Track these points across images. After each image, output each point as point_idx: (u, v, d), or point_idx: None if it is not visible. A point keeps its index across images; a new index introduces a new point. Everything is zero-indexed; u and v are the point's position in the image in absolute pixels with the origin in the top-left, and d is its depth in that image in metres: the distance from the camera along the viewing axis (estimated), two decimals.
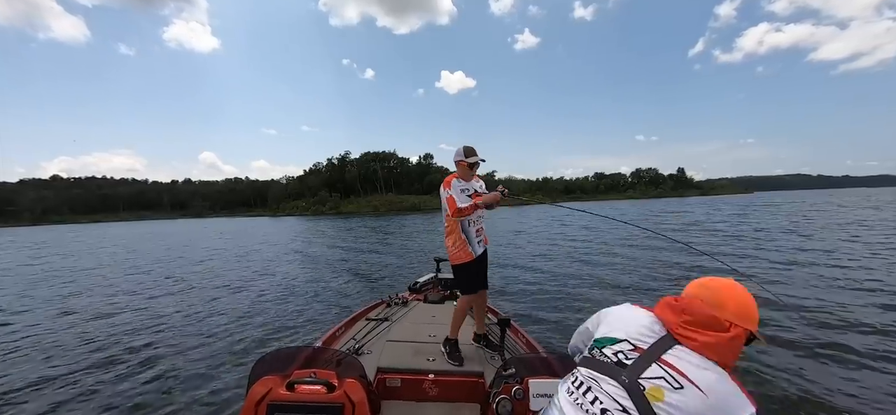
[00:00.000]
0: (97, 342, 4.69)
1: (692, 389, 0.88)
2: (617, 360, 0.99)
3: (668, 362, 0.93)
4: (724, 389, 0.89)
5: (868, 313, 4.82)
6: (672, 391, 0.89)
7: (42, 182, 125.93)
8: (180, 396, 3.30)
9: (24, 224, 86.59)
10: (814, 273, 7.19)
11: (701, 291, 1.02)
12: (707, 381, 0.89)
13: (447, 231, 2.51)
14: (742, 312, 0.97)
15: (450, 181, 2.46)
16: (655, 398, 0.89)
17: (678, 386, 0.89)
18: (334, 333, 2.79)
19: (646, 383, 0.92)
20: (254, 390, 1.46)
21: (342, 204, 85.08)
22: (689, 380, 0.89)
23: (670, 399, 0.88)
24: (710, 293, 1.01)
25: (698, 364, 0.91)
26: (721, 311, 0.96)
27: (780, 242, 11.43)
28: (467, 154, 2.51)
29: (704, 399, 0.86)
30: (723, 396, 0.87)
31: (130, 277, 10.13)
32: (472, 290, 2.52)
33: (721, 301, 0.98)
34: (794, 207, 29.91)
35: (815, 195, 71.98)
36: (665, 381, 0.91)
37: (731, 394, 0.88)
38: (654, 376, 0.92)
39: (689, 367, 0.91)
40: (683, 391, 0.88)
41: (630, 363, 0.96)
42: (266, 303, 6.41)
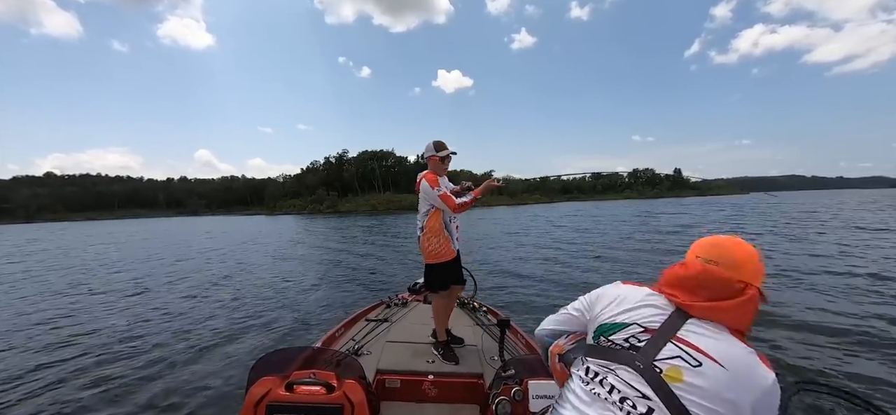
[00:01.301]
0: (91, 344, 4.64)
1: (711, 364, 0.84)
2: (629, 345, 0.93)
3: (682, 340, 0.88)
4: (745, 359, 0.84)
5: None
6: (691, 370, 0.84)
7: (36, 179, 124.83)
8: (178, 397, 3.27)
9: (18, 221, 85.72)
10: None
11: (712, 253, 0.94)
12: (726, 353, 0.84)
13: (430, 230, 2.46)
14: (756, 270, 0.92)
15: (435, 179, 2.43)
16: (674, 379, 0.85)
17: (697, 363, 0.84)
18: (334, 333, 2.78)
19: (662, 366, 0.87)
20: (253, 390, 1.45)
21: (340, 203, 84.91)
22: (707, 355, 0.84)
23: (690, 378, 0.84)
24: (723, 254, 0.92)
25: (714, 336, 0.87)
26: (737, 272, 0.90)
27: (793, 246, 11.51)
28: (438, 148, 2.50)
29: (725, 373, 0.82)
30: (743, 366, 0.83)
31: (126, 276, 10.05)
32: (446, 287, 2.54)
33: (736, 262, 0.91)
34: (792, 208, 30.18)
35: (814, 196, 72.56)
36: (682, 359, 0.86)
37: (753, 364, 0.84)
38: (670, 356, 0.87)
39: (706, 341, 0.86)
40: (703, 368, 0.84)
41: (642, 346, 0.91)
42: (264, 303, 6.37)
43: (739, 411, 0.82)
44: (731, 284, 0.89)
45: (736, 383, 0.82)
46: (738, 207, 36.67)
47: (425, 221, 2.50)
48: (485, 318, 3.14)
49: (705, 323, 0.89)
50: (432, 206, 2.47)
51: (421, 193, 2.50)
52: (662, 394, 0.84)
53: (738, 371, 0.83)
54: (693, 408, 0.83)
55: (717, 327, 0.89)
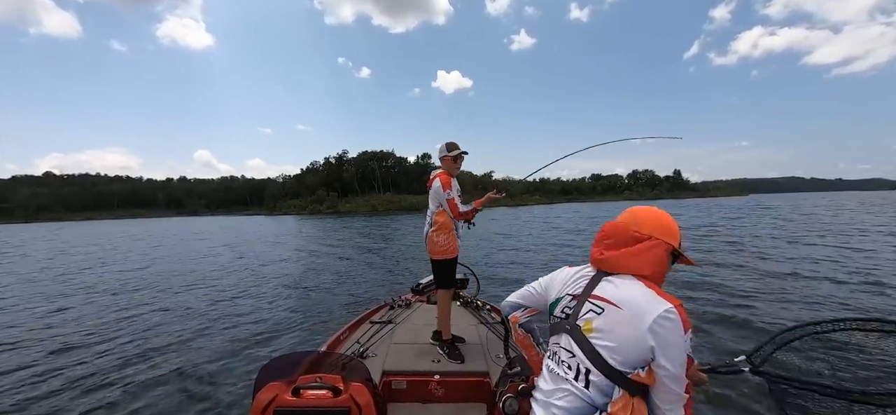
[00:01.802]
0: (93, 350, 4.59)
1: (610, 308, 0.98)
2: (564, 315, 1.09)
3: (594, 296, 1.03)
4: (638, 295, 0.97)
5: None
6: (597, 317, 1.00)
7: (35, 179, 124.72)
8: (184, 404, 3.25)
9: (17, 221, 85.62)
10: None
11: (624, 216, 1.12)
12: (624, 296, 0.98)
13: (441, 226, 2.53)
14: (659, 225, 1.06)
15: (448, 181, 2.51)
16: (588, 331, 1.00)
17: (600, 311, 1.00)
18: (339, 337, 2.77)
19: (580, 322, 1.02)
20: (260, 396, 1.43)
21: (340, 203, 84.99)
22: (607, 301, 0.99)
23: (596, 325, 0.99)
24: (629, 216, 1.11)
25: (617, 285, 1.01)
26: (637, 227, 1.06)
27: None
28: (451, 148, 2.58)
29: (620, 312, 0.96)
30: (637, 301, 0.95)
31: (125, 279, 10.03)
32: (452, 283, 2.63)
33: (638, 220, 1.08)
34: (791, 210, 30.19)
35: (814, 198, 72.75)
36: (592, 312, 1.01)
37: (646, 298, 0.95)
38: (585, 311, 1.03)
39: (610, 290, 1.01)
40: (604, 314, 0.99)
41: (571, 312, 1.07)
42: (269, 308, 6.34)
43: (639, 341, 0.93)
44: (628, 232, 1.06)
45: (631, 317, 0.94)
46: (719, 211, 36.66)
47: (435, 217, 2.56)
48: (488, 316, 3.13)
49: (615, 277, 1.04)
50: (441, 204, 2.54)
51: (432, 192, 2.56)
52: (582, 346, 1.00)
53: (633, 307, 0.95)
54: (602, 351, 0.97)
55: (624, 278, 1.03)
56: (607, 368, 0.95)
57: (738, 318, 4.90)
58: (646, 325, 0.92)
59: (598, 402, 0.96)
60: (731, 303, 5.53)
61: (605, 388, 0.96)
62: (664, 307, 0.93)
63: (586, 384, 0.97)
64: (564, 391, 1.00)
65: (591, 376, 0.97)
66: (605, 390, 0.96)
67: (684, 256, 1.10)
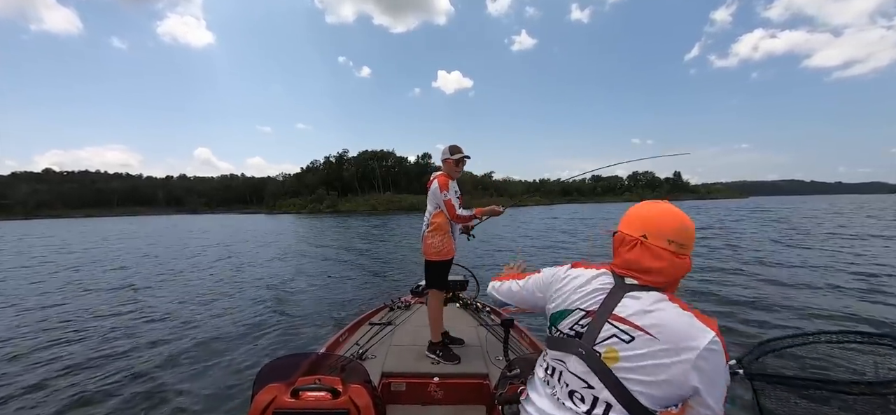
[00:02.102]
0: (89, 352, 4.56)
1: (642, 336, 0.82)
2: (574, 332, 0.93)
3: (617, 317, 0.87)
4: (676, 322, 0.82)
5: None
6: (624, 346, 0.84)
7: (34, 175, 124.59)
8: (182, 405, 3.23)
9: (16, 218, 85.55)
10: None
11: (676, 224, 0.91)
12: (656, 322, 0.82)
13: (437, 227, 2.53)
14: (688, 231, 0.91)
15: (446, 183, 2.50)
16: (612, 360, 0.84)
17: (628, 339, 0.84)
18: (338, 338, 2.76)
19: (601, 349, 0.86)
20: (258, 398, 1.43)
21: (340, 202, 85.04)
22: (638, 328, 0.83)
23: (624, 355, 0.83)
24: (679, 229, 0.91)
25: (646, 306, 0.85)
26: (686, 248, 0.90)
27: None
28: (453, 152, 2.58)
29: (656, 343, 0.81)
30: (676, 331, 0.81)
31: (124, 279, 10.03)
32: (446, 286, 2.63)
33: (689, 236, 0.92)
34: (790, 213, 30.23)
35: (813, 201, 72.75)
36: (616, 338, 0.85)
37: (686, 326, 0.81)
38: (607, 337, 0.86)
39: (637, 314, 0.85)
40: (634, 343, 0.83)
41: (585, 331, 0.90)
42: (268, 309, 6.31)
43: (680, 378, 0.78)
44: (667, 249, 0.88)
45: (671, 350, 0.79)
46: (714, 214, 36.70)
47: (431, 218, 2.55)
48: (488, 318, 3.13)
49: (640, 292, 0.88)
50: (438, 205, 2.53)
51: (430, 193, 2.56)
52: (604, 378, 0.84)
53: (671, 337, 0.80)
54: (633, 387, 0.81)
55: (650, 294, 0.87)
56: (635, 406, 0.82)
57: (738, 321, 4.90)
58: (690, 361, 0.78)
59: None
60: (728, 308, 5.54)
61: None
62: (709, 338, 0.79)
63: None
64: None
65: (612, 412, 0.84)
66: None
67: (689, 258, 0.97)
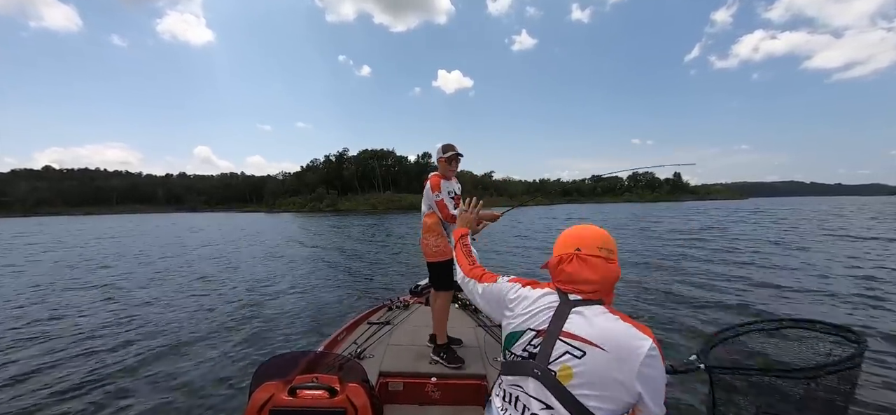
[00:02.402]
0: (87, 348, 4.56)
1: (592, 350, 0.85)
2: (528, 354, 0.94)
3: (567, 334, 0.89)
4: (619, 333, 0.86)
5: None
6: (577, 362, 0.86)
7: (34, 173, 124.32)
8: (179, 404, 3.23)
9: (16, 215, 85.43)
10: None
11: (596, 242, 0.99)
12: (600, 333, 0.86)
13: (428, 229, 2.52)
14: (568, 242, 1.00)
15: (438, 183, 2.47)
16: (567, 378, 0.86)
17: (580, 354, 0.86)
18: (336, 337, 2.77)
19: (555, 367, 0.88)
20: (256, 396, 1.43)
21: (340, 201, 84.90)
22: (587, 342, 0.86)
23: (578, 370, 0.85)
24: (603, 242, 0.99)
25: (591, 321, 0.89)
26: (614, 255, 0.98)
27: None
28: (445, 150, 2.53)
29: (605, 354, 0.84)
30: (619, 340, 0.85)
31: (122, 278, 10.01)
32: (452, 286, 2.55)
33: (612, 246, 0.99)
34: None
35: (814, 202, 72.75)
36: (569, 354, 0.87)
37: (627, 336, 0.86)
38: (560, 355, 0.88)
39: (584, 327, 0.88)
40: (586, 357, 0.85)
41: (538, 351, 0.92)
42: (266, 307, 6.32)
43: (628, 386, 0.83)
44: (602, 259, 0.96)
45: (618, 360, 0.83)
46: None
47: (424, 218, 2.55)
48: (486, 319, 3.13)
49: (584, 308, 0.92)
50: (431, 206, 2.52)
51: (424, 194, 2.55)
52: (562, 398, 0.85)
53: (616, 345, 0.84)
54: (589, 402, 0.84)
55: (592, 308, 0.91)
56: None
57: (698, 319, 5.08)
58: (635, 368, 0.83)
59: None
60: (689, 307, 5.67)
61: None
62: (648, 345, 0.84)
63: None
64: None
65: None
66: None
67: None
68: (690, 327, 4.78)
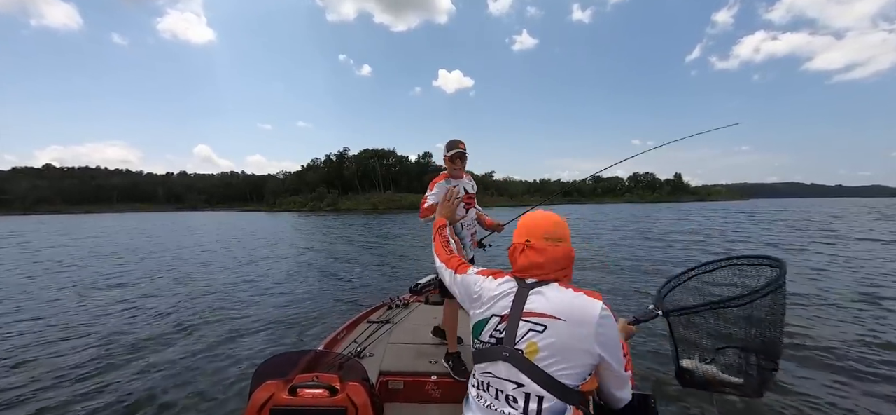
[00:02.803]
0: (86, 347, 4.57)
1: (552, 322, 0.93)
2: (494, 340, 1.00)
3: (528, 312, 0.96)
4: (571, 300, 0.95)
5: None
6: (540, 336, 0.93)
7: (34, 171, 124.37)
8: (181, 404, 3.23)
9: (15, 213, 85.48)
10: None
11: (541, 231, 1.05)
12: (556, 305, 0.94)
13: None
14: (567, 230, 1.07)
15: (436, 182, 2.34)
16: (533, 354, 0.93)
17: (542, 328, 0.93)
18: (336, 336, 2.76)
19: (521, 346, 0.95)
20: (256, 395, 1.43)
21: (340, 201, 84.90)
22: (546, 315, 0.94)
23: (542, 344, 0.92)
24: (552, 230, 1.05)
25: (548, 296, 0.97)
26: (565, 240, 1.04)
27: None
28: (449, 148, 2.37)
29: (564, 323, 0.92)
30: (573, 308, 0.93)
31: (122, 276, 10.02)
32: None
33: (562, 233, 1.05)
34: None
35: (818, 203, 72.71)
36: (532, 331, 0.94)
37: (580, 303, 0.94)
38: (524, 333, 0.95)
39: (543, 304, 0.96)
40: (547, 330, 0.93)
41: (504, 335, 0.98)
42: (266, 306, 6.32)
43: (589, 348, 0.91)
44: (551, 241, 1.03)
45: (576, 324, 0.91)
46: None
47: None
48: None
49: (542, 287, 0.99)
50: None
51: None
52: (531, 373, 0.92)
53: (571, 313, 0.92)
54: (556, 372, 0.91)
55: (549, 286, 0.99)
56: (562, 388, 0.91)
57: None
58: (592, 331, 0.91)
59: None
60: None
61: (559, 410, 0.92)
62: (599, 307, 0.93)
63: (538, 412, 0.92)
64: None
65: (545, 402, 0.92)
66: (558, 412, 0.92)
67: None
68: None
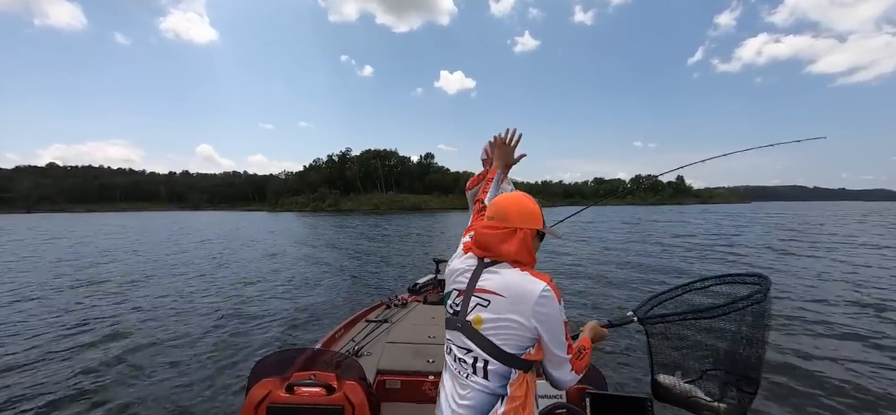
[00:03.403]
0: (84, 345, 4.60)
1: (494, 298, 1.05)
2: (454, 311, 1.12)
3: (479, 289, 1.08)
4: (516, 280, 1.05)
5: None
6: (484, 310, 1.05)
7: (38, 170, 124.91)
8: (178, 400, 3.25)
9: (18, 212, 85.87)
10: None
11: (490, 212, 1.15)
12: (501, 283, 1.05)
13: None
14: (523, 215, 1.12)
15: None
16: (478, 324, 1.05)
17: (486, 303, 1.05)
18: (334, 334, 2.77)
19: (470, 317, 1.07)
20: (253, 392, 1.44)
21: (342, 201, 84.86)
22: (491, 292, 1.06)
23: (486, 317, 1.04)
24: (495, 211, 1.14)
25: (495, 274, 1.07)
26: (507, 221, 1.11)
27: None
28: None
29: (504, 300, 1.03)
30: (515, 285, 1.04)
31: (122, 275, 10.06)
32: None
33: (505, 214, 1.12)
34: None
35: (821, 207, 72.28)
36: (479, 305, 1.06)
37: (523, 281, 1.04)
38: (473, 307, 1.08)
39: (490, 281, 1.07)
40: (490, 305, 1.05)
41: (459, 308, 1.10)
42: (265, 304, 6.35)
43: (526, 324, 1.02)
44: (505, 232, 1.10)
45: (514, 301, 1.02)
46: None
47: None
48: None
49: (495, 266, 1.09)
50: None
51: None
52: (476, 341, 1.05)
53: (513, 291, 1.03)
54: (495, 339, 1.03)
55: (501, 266, 1.09)
56: (504, 355, 1.03)
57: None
58: (529, 308, 1.01)
59: (498, 388, 1.03)
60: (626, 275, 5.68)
61: (504, 373, 1.03)
62: (541, 287, 1.02)
63: (485, 375, 1.03)
64: (467, 388, 1.06)
65: (490, 366, 1.04)
66: (503, 375, 1.03)
67: (550, 231, 1.19)
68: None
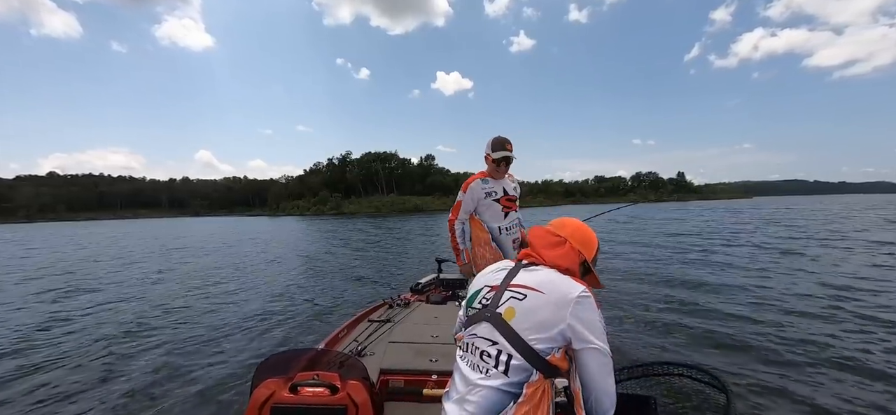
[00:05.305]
0: (84, 345, 4.59)
1: (532, 293, 1.06)
2: (482, 305, 1.13)
3: (515, 284, 1.10)
4: (557, 279, 1.07)
5: None
6: (519, 303, 1.05)
7: (38, 179, 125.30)
8: (179, 400, 3.24)
9: (19, 221, 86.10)
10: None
11: (553, 222, 1.23)
12: (540, 280, 1.07)
13: (474, 241, 2.22)
14: (577, 234, 1.18)
15: (469, 184, 2.22)
16: (510, 316, 1.05)
17: (522, 297, 1.06)
18: (337, 335, 2.77)
19: (501, 309, 1.07)
20: (257, 392, 1.44)
21: (343, 204, 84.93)
22: (529, 288, 1.07)
23: (520, 309, 1.05)
24: (558, 223, 1.22)
25: (535, 272, 1.10)
26: (560, 230, 1.18)
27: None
28: (494, 148, 2.19)
29: (542, 296, 1.04)
30: (555, 285, 1.05)
31: (123, 276, 10.06)
32: None
33: (563, 226, 1.20)
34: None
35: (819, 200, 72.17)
36: (513, 299, 1.07)
37: (563, 282, 1.06)
38: (506, 300, 1.08)
39: (529, 278, 1.09)
40: (527, 299, 1.05)
41: (490, 302, 1.11)
42: (267, 305, 6.35)
43: (563, 323, 1.01)
44: (554, 237, 1.17)
45: (552, 300, 1.03)
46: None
47: (472, 231, 2.24)
48: None
49: (534, 266, 1.13)
50: (470, 211, 2.21)
51: None
52: (504, 332, 1.04)
53: (552, 288, 1.04)
54: (526, 335, 1.02)
55: (541, 267, 1.12)
56: (530, 351, 1.01)
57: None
58: (568, 306, 1.01)
59: (515, 386, 1.01)
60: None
61: (525, 370, 1.01)
62: (581, 288, 1.04)
63: (506, 370, 1.02)
64: (481, 386, 1.03)
65: (513, 360, 1.02)
66: (524, 371, 1.01)
67: (593, 272, 1.20)
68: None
